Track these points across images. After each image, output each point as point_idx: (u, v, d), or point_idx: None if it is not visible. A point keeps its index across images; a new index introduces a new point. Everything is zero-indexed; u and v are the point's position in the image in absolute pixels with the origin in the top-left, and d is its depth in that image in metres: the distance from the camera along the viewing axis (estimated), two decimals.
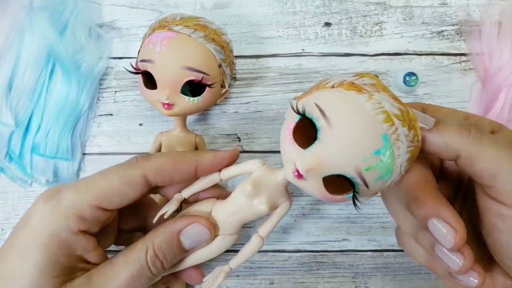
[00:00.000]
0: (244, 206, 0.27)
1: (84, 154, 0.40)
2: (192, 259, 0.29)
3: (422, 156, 0.23)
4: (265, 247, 0.30)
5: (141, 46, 0.34)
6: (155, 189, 0.28)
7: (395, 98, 0.22)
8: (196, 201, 0.30)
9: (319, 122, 0.21)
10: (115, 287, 0.25)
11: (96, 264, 0.26)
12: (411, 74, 0.38)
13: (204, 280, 0.29)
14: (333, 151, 0.21)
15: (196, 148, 0.36)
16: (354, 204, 0.22)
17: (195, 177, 0.28)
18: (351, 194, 0.22)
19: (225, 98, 0.37)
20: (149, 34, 0.33)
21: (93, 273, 0.25)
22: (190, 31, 0.32)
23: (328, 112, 0.21)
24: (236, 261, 0.28)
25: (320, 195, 0.23)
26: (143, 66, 0.32)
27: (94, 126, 0.40)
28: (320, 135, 0.21)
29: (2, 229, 0.39)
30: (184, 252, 0.28)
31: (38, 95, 0.39)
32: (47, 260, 0.24)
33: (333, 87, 0.22)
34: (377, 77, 0.23)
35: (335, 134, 0.21)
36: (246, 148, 0.40)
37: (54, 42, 0.38)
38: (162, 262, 0.26)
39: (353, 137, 0.20)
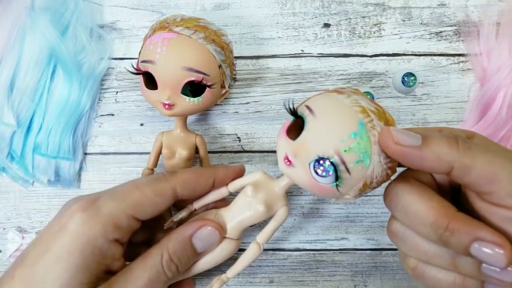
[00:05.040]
0: (244, 209, 0.29)
1: (85, 154, 0.40)
2: (201, 265, 0.30)
3: (422, 180, 0.24)
4: (265, 246, 0.30)
5: (142, 47, 0.34)
6: (177, 201, 0.30)
7: (373, 102, 0.25)
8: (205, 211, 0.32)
9: (305, 114, 0.25)
10: None
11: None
12: (410, 74, 0.39)
13: None
14: (316, 135, 0.24)
15: (197, 148, 0.36)
16: (338, 189, 0.24)
17: (212, 190, 0.31)
18: (335, 183, 0.24)
19: (225, 98, 0.38)
20: (150, 35, 0.33)
21: (113, 280, 0.26)
22: (191, 32, 0.32)
23: (313, 107, 0.25)
24: (233, 269, 0.30)
25: (308, 182, 0.25)
26: (144, 67, 0.33)
27: (96, 126, 0.41)
28: (306, 125, 0.25)
29: (4, 229, 0.40)
30: (197, 255, 0.29)
31: (39, 95, 0.39)
32: (79, 266, 0.25)
33: (320, 94, 0.26)
34: (359, 89, 0.27)
35: (317, 121, 0.24)
36: (246, 148, 0.40)
37: (56, 42, 0.38)
38: (177, 266, 0.28)
39: (331, 122, 0.24)
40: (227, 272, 0.30)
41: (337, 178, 0.24)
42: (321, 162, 0.24)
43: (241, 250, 0.30)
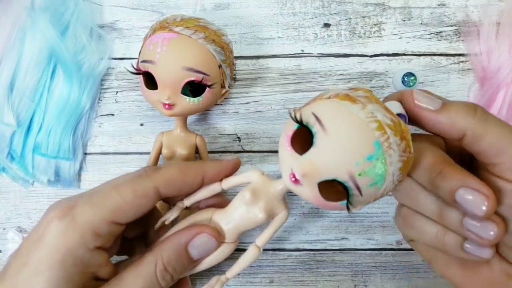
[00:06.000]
0: (242, 214, 0.28)
1: (85, 154, 0.40)
2: (195, 267, 0.29)
3: (434, 141, 0.25)
4: (265, 246, 0.30)
5: (142, 47, 0.34)
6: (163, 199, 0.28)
7: (388, 110, 0.23)
8: (197, 209, 0.30)
9: (315, 127, 0.22)
10: None
11: (105, 280, 0.26)
12: (410, 74, 0.39)
13: None
14: (327, 156, 0.22)
15: (197, 148, 0.36)
16: (348, 209, 0.23)
17: (201, 187, 0.29)
18: (345, 202, 0.23)
19: (225, 98, 0.38)
20: (150, 35, 0.33)
21: None
22: (191, 32, 0.32)
23: (323, 119, 0.22)
24: (233, 271, 0.29)
25: (316, 201, 0.23)
26: (144, 67, 0.33)
27: (96, 126, 0.41)
28: (315, 140, 0.22)
29: (4, 229, 0.40)
30: (193, 263, 0.28)
31: (39, 95, 0.39)
32: (61, 278, 0.23)
33: (329, 98, 0.23)
34: (371, 91, 0.24)
35: (329, 139, 0.22)
36: (246, 148, 0.40)
37: (56, 42, 0.38)
38: (172, 275, 0.27)
39: (346, 142, 0.21)
40: (226, 273, 0.29)
41: (347, 198, 0.23)
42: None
43: (240, 250, 0.30)
